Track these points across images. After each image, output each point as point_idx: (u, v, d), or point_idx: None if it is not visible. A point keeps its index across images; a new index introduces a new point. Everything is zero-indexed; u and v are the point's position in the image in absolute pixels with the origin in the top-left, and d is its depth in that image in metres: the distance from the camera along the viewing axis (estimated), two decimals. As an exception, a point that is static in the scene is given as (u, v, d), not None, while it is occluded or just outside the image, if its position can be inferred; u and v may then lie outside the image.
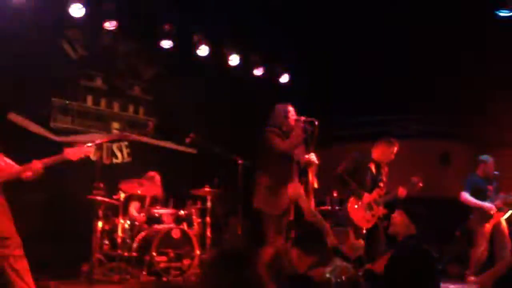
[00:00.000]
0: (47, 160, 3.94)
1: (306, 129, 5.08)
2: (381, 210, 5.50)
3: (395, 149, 5.58)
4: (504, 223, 6.48)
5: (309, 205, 4.89)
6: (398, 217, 3.41)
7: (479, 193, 6.49)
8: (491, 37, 8.18)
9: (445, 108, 8.93)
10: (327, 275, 1.93)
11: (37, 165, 3.89)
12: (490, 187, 6.54)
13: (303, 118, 5.11)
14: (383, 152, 5.57)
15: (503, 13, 7.31)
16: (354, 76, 8.94)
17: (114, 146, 7.54)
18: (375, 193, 5.48)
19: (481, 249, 6.37)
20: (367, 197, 5.42)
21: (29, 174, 3.92)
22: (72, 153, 4.00)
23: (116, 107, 7.78)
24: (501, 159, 6.90)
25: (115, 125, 7.70)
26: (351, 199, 5.46)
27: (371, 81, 8.94)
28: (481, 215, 6.43)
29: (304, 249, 2.75)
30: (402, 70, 8.82)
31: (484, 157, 6.68)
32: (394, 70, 8.83)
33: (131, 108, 7.97)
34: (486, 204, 6.38)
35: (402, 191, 5.51)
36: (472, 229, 6.58)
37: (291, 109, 5.23)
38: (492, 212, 6.35)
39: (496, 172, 6.59)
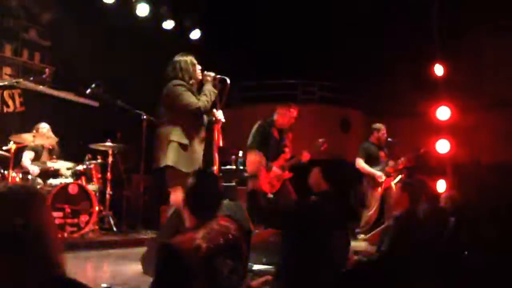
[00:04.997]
0: None
1: (216, 86, 4.90)
2: (286, 174, 5.64)
3: (295, 113, 5.72)
4: (394, 187, 6.95)
5: None
6: (314, 172, 3.55)
7: (372, 159, 6.89)
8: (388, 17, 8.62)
9: (347, 77, 9.31)
10: (198, 241, 1.74)
11: None
12: (382, 153, 6.96)
13: (213, 74, 4.91)
14: (283, 117, 5.67)
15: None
16: (265, 40, 8.99)
17: (5, 94, 6.93)
18: (281, 159, 5.60)
19: (371, 210, 6.82)
20: (275, 166, 5.53)
21: None
22: None
23: (8, 50, 7.16)
24: (392, 128, 7.34)
25: (7, 70, 7.09)
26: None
27: (280, 46, 9.04)
28: (373, 180, 6.85)
29: (191, 209, 2.64)
30: (311, 37, 8.99)
31: (377, 125, 7.05)
32: (303, 36, 8.97)
33: (26, 53, 7.35)
34: (376, 173, 6.78)
35: (305, 155, 5.65)
36: (365, 192, 7.00)
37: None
38: (380, 181, 6.78)
39: (389, 139, 7.00)
